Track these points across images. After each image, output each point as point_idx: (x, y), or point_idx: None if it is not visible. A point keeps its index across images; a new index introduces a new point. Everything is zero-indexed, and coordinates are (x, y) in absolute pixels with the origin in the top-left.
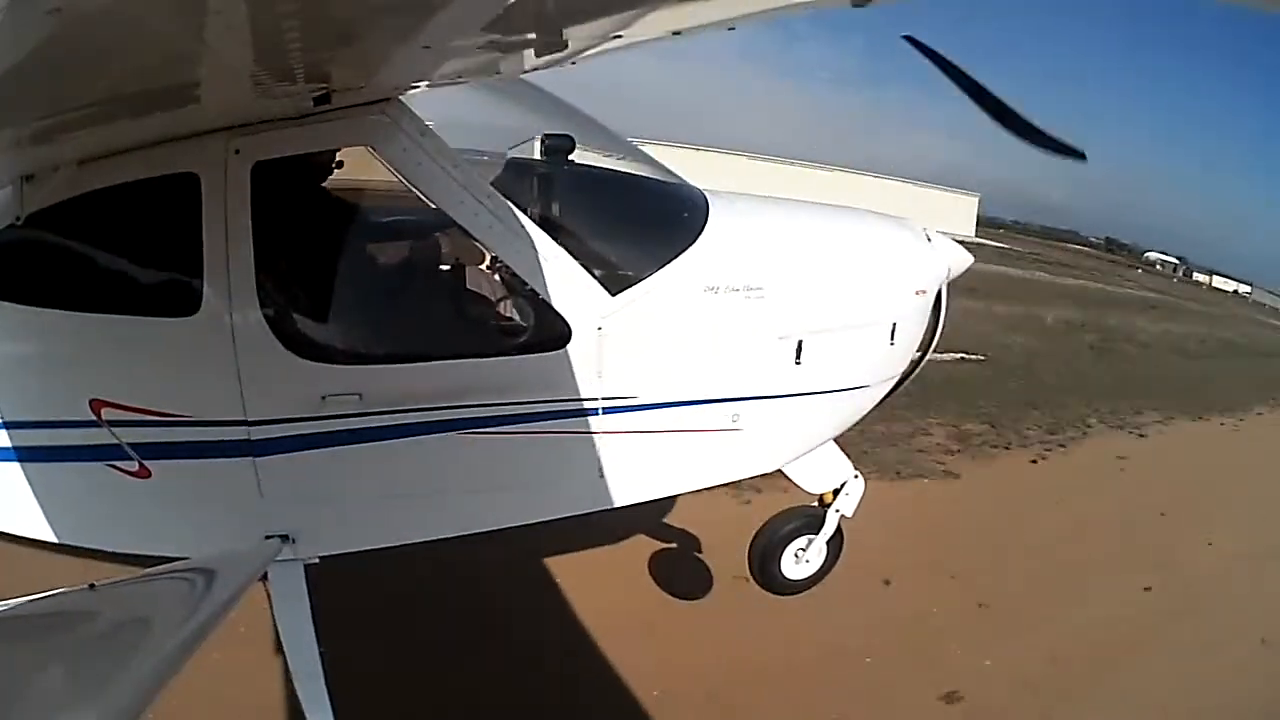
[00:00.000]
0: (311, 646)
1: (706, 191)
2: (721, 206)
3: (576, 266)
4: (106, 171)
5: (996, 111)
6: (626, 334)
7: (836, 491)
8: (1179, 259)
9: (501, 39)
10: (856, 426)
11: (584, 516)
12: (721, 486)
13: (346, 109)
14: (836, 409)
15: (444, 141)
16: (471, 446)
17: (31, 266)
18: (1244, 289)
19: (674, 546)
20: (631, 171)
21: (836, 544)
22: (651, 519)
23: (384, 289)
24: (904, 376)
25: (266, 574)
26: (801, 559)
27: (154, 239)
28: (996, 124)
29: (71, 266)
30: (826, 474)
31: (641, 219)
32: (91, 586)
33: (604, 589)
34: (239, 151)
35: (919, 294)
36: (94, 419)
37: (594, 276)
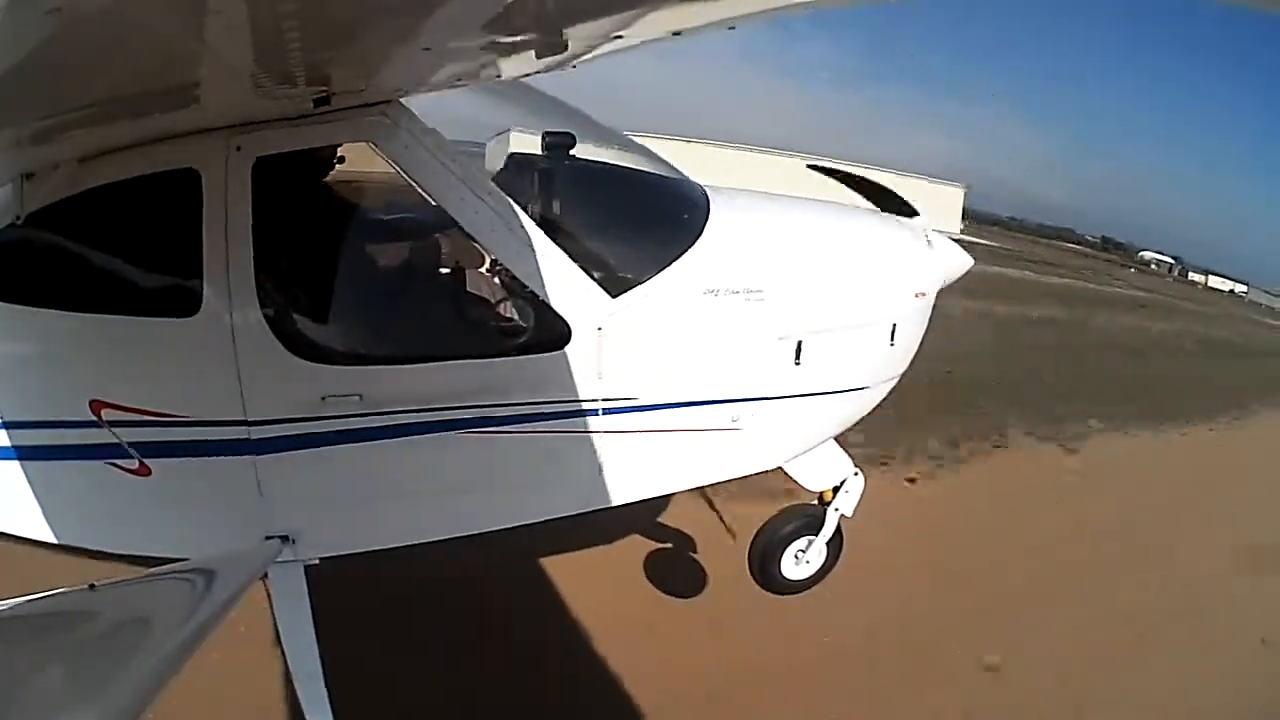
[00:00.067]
0: (311, 647)
1: (707, 188)
2: (722, 204)
3: (577, 268)
4: (107, 168)
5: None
6: (626, 335)
7: (836, 489)
8: (1174, 258)
9: (501, 40)
10: None
11: (582, 516)
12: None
13: (346, 110)
14: (836, 409)
15: (444, 138)
16: (472, 447)
17: (32, 266)
18: (1240, 288)
19: (669, 546)
20: (633, 167)
21: (836, 544)
22: (649, 519)
23: (385, 289)
24: None
25: (266, 574)
26: (801, 560)
27: (155, 239)
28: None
29: (72, 266)
30: (827, 471)
31: (643, 218)
32: (91, 586)
33: (603, 589)
34: (240, 148)
35: (919, 296)
36: (94, 419)
37: (594, 278)
